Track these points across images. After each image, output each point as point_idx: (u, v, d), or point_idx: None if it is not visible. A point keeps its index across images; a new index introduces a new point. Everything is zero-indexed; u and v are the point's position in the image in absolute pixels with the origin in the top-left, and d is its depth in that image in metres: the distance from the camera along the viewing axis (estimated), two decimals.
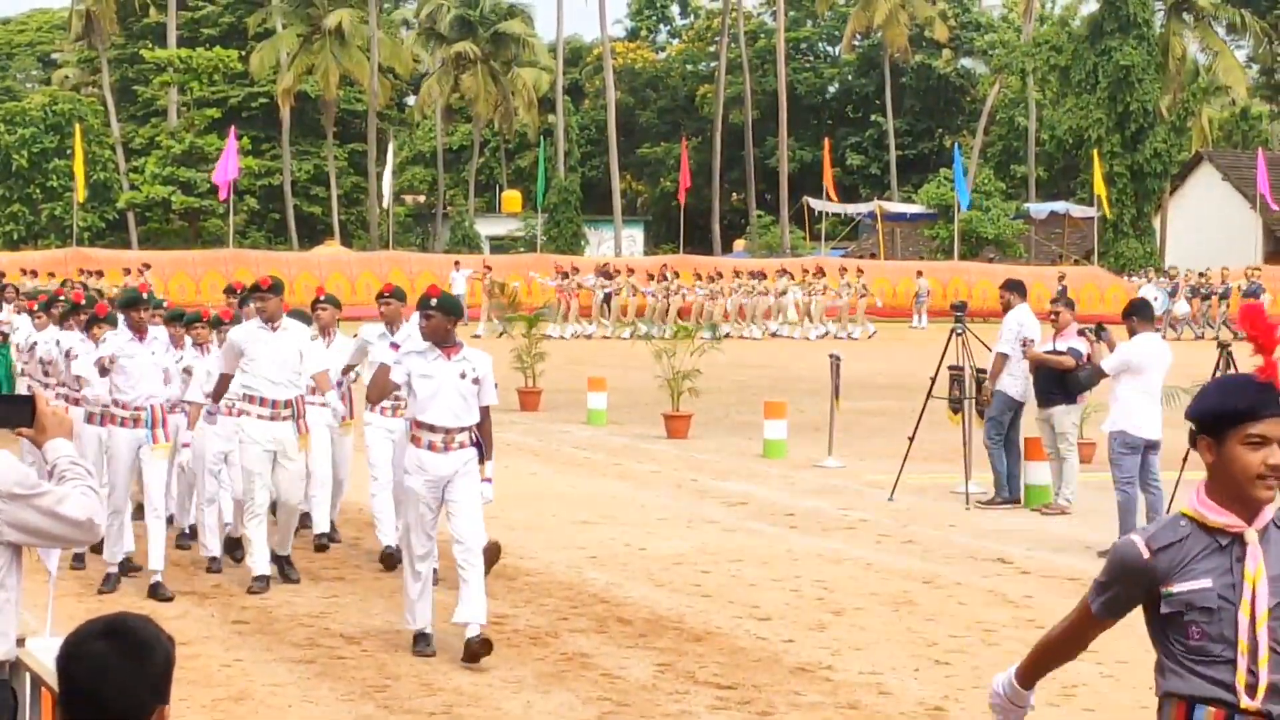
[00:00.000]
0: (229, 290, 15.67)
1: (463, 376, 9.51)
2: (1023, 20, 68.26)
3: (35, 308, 17.10)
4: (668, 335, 25.08)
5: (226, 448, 12.23)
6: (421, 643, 9.53)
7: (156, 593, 11.14)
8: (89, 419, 11.75)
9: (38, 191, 61.86)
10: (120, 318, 11.94)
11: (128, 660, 3.19)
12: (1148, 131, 57.90)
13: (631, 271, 44.51)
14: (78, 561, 12.02)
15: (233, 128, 55.12)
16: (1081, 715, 8.23)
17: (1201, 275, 46.49)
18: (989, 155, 69.95)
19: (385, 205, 59.77)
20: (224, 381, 11.67)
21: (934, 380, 15.73)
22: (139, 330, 11.47)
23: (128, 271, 39.97)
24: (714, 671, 9.13)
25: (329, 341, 13.07)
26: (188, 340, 12.68)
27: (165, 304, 15.42)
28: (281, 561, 11.72)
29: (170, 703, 3.24)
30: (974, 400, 15.66)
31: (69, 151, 55.23)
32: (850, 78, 77.56)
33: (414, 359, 9.64)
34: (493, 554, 11.16)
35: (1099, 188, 53.23)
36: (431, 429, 9.53)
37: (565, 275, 42.59)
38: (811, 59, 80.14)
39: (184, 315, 13.26)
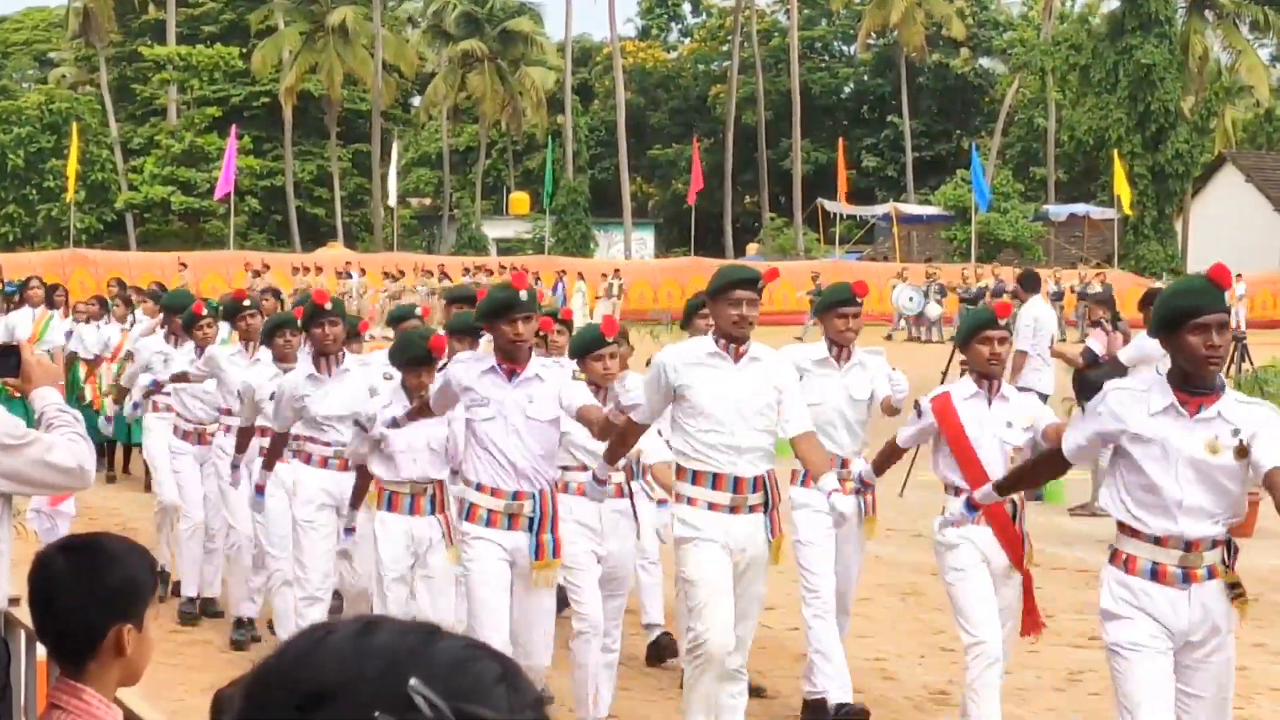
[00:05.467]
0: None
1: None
2: (1042, 18, 67.16)
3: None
4: None
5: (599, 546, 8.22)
6: None
7: None
8: (388, 500, 8.21)
9: (34, 192, 60.91)
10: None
11: (81, 575, 3.20)
12: (1169, 132, 56.95)
13: (268, 268, 42.32)
14: None
15: (234, 127, 54.24)
16: (1088, 700, 8.26)
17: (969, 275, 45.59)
18: (1007, 157, 68.95)
19: (390, 203, 58.87)
20: (628, 437, 7.26)
21: (945, 375, 15.66)
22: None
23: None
24: None
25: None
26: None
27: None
28: None
29: (143, 626, 3.23)
30: None
31: (66, 151, 54.34)
32: (866, 78, 76.42)
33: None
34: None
35: (1119, 188, 52.11)
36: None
37: (259, 274, 40.07)
38: (826, 58, 79.09)
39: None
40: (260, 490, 9.18)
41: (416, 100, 74.75)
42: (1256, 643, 9.79)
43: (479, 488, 7.14)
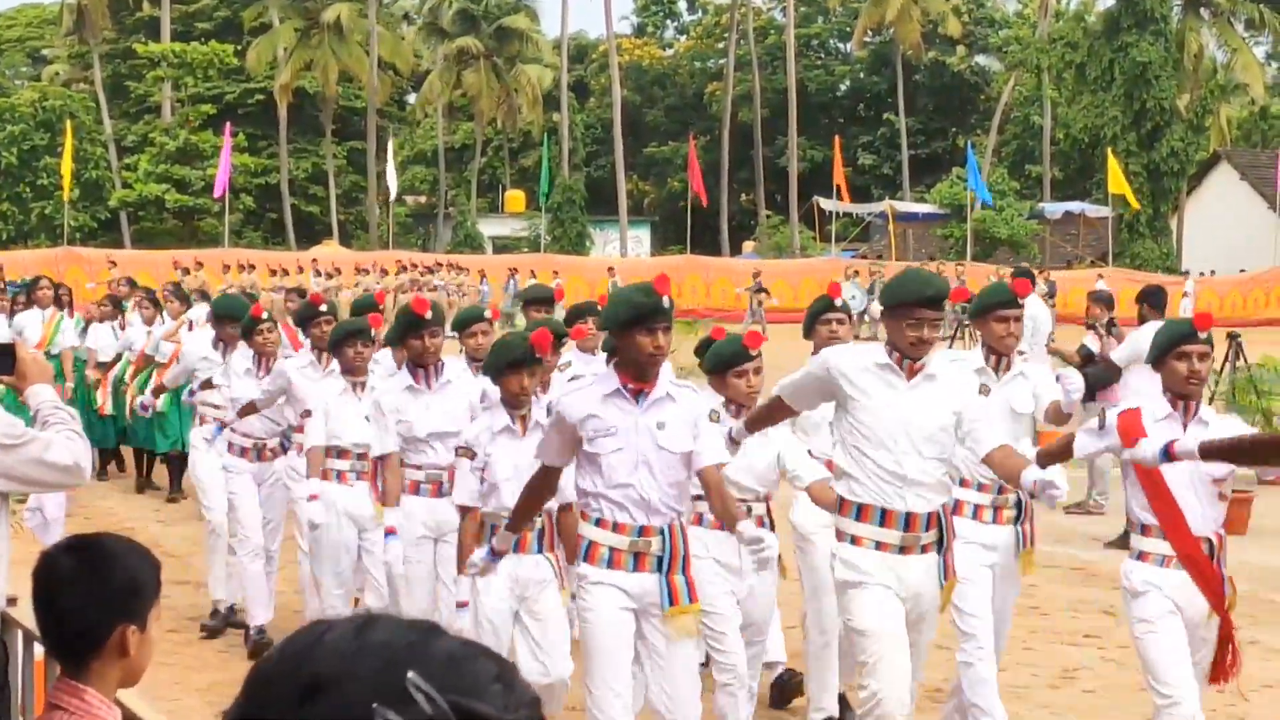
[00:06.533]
0: None
1: None
2: (1038, 16, 67.05)
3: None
4: None
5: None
6: None
7: None
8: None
9: (27, 190, 60.56)
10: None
11: (85, 575, 3.21)
12: (1165, 130, 56.88)
13: (200, 265, 40.73)
14: None
15: (228, 124, 54.05)
16: (1082, 698, 8.29)
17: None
18: (1003, 154, 68.81)
19: (393, 198, 58.69)
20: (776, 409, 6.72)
21: None
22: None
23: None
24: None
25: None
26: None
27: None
28: None
29: (145, 627, 3.24)
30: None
31: (60, 149, 54.08)
32: (862, 75, 76.36)
33: None
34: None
35: (1115, 186, 51.98)
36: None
37: (187, 271, 38.85)
38: (822, 56, 79.02)
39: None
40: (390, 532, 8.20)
41: (412, 97, 74.57)
42: (1251, 640, 9.84)
43: (598, 523, 6.11)
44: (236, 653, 9.44)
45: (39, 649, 4.47)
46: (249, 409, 9.63)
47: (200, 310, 16.06)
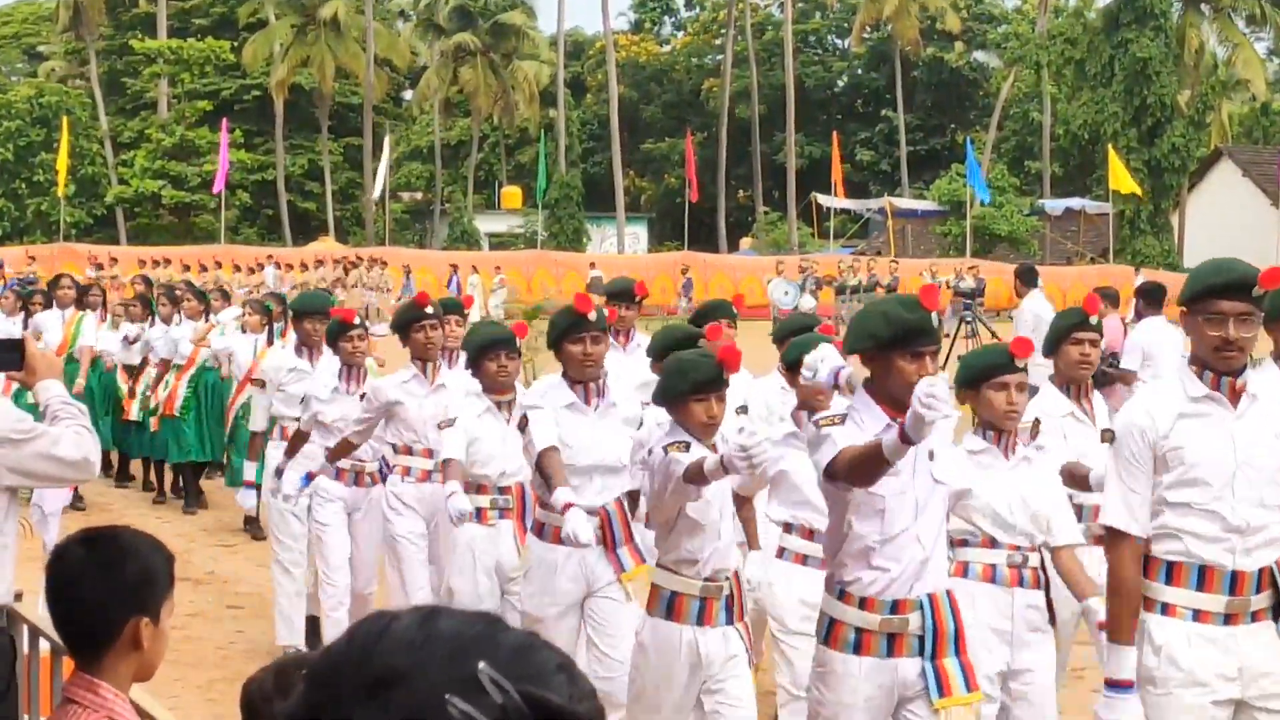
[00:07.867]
0: None
1: None
2: (1037, 12, 66.95)
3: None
4: None
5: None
6: None
7: None
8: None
9: (23, 186, 60.51)
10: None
11: (98, 568, 3.22)
12: (1165, 126, 56.75)
13: (115, 261, 40.13)
14: None
15: (224, 121, 53.94)
16: (1091, 697, 7.69)
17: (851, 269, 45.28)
18: (1002, 151, 68.65)
19: (375, 195, 58.54)
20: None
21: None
22: None
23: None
24: None
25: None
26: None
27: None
28: None
29: (158, 619, 3.24)
30: None
31: (56, 145, 53.98)
32: (860, 71, 76.32)
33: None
34: None
35: (1116, 182, 51.80)
36: None
37: (100, 266, 37.62)
38: (820, 52, 78.93)
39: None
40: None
41: (408, 94, 74.47)
42: None
43: (843, 596, 4.93)
44: (235, 650, 9.38)
45: (44, 644, 4.49)
46: (343, 448, 8.32)
47: (229, 313, 15.23)
